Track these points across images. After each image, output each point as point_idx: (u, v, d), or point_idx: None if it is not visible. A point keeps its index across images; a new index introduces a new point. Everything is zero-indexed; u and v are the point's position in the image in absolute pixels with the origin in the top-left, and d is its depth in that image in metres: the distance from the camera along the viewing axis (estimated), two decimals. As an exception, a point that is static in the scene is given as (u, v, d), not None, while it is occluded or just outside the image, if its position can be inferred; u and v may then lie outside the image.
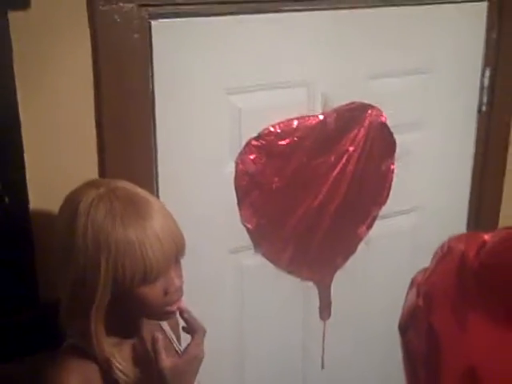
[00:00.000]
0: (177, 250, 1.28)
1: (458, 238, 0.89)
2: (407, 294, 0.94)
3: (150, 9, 1.52)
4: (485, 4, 2.03)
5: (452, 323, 0.83)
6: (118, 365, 1.29)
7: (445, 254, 0.89)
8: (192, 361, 1.33)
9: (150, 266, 1.22)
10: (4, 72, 1.40)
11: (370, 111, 1.93)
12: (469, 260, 0.83)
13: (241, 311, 1.93)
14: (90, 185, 1.29)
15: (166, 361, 1.29)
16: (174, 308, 1.32)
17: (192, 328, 1.36)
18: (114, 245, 1.21)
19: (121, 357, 1.31)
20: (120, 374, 1.29)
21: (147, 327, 1.41)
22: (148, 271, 1.22)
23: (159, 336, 1.31)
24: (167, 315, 1.35)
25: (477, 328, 0.81)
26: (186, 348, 1.34)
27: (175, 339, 1.50)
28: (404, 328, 0.93)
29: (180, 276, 1.32)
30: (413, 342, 0.91)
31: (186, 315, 1.35)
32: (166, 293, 1.28)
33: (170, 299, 1.30)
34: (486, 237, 0.85)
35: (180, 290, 1.31)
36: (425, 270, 0.92)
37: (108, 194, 1.25)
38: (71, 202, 1.27)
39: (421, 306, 0.88)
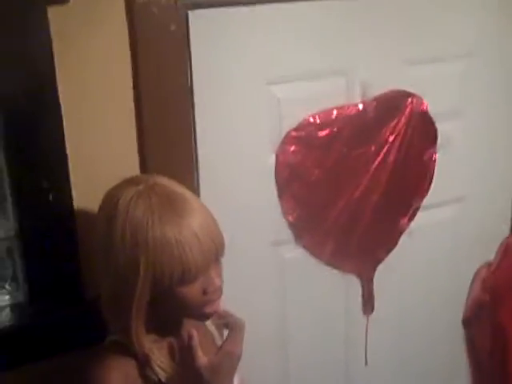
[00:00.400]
0: (216, 250, 1.26)
1: None
2: (471, 287, 0.92)
3: (187, -1, 1.51)
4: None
5: None
6: (157, 361, 1.28)
7: (510, 247, 0.87)
8: (228, 358, 1.30)
9: (188, 265, 1.20)
10: (46, 71, 1.40)
11: (410, 99, 1.89)
12: None
13: (283, 305, 1.91)
14: (129, 182, 1.28)
15: (202, 358, 1.27)
16: (214, 309, 1.30)
17: (228, 324, 1.33)
18: (151, 243, 1.19)
19: (160, 353, 1.30)
20: (159, 370, 1.28)
21: (188, 324, 1.40)
22: (186, 271, 1.21)
23: (194, 333, 1.29)
24: (206, 316, 1.32)
25: None
26: (222, 345, 1.32)
27: (217, 334, 1.48)
28: (469, 322, 0.91)
29: (219, 275, 1.29)
30: (478, 337, 0.89)
31: (221, 312, 1.33)
32: (205, 292, 1.26)
33: (209, 299, 1.27)
34: None
35: (219, 290, 1.29)
36: (489, 264, 0.90)
37: (147, 191, 1.24)
38: (110, 199, 1.26)
39: (487, 301, 0.86)
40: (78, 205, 1.49)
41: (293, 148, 1.77)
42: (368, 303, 2.05)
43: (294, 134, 1.76)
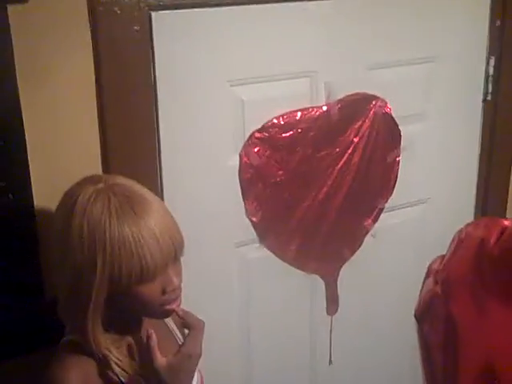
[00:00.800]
0: (175, 249, 1.25)
1: (476, 224, 0.87)
2: (424, 282, 0.92)
3: (150, 0, 1.50)
4: (488, -8, 2.01)
5: (471, 311, 0.81)
6: (115, 360, 1.28)
7: (462, 240, 0.86)
8: (187, 358, 1.30)
9: (147, 264, 1.20)
10: (5, 68, 1.39)
11: (374, 102, 1.91)
12: (489, 246, 0.81)
13: (247, 305, 1.92)
14: (89, 180, 1.27)
15: (161, 359, 1.27)
16: (173, 307, 1.30)
17: (188, 324, 1.33)
18: (109, 243, 1.19)
19: (119, 353, 1.30)
20: (118, 370, 1.28)
21: (148, 323, 1.40)
22: (145, 270, 1.21)
23: (153, 333, 1.29)
24: (165, 314, 1.33)
25: (496, 315, 0.79)
26: (181, 346, 1.31)
27: (179, 333, 1.49)
28: (421, 317, 0.91)
29: (178, 275, 1.29)
30: (430, 331, 0.89)
31: (180, 312, 1.32)
32: (164, 292, 1.26)
33: (168, 298, 1.27)
34: (506, 222, 0.82)
35: (178, 289, 1.29)
36: (441, 257, 0.90)
37: (106, 190, 1.23)
38: (69, 198, 1.26)
39: (439, 294, 0.86)
40: (39, 204, 1.48)
41: (256, 149, 1.77)
42: (332, 303, 2.07)
43: (257, 135, 1.77)
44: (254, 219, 1.84)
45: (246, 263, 1.88)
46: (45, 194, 1.49)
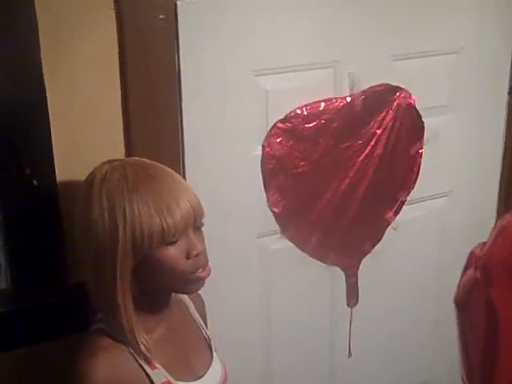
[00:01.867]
0: (194, 214, 1.26)
1: None
2: (464, 268, 0.92)
3: (177, -11, 1.50)
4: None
5: (510, 297, 0.81)
6: (144, 342, 1.27)
7: (504, 227, 0.86)
8: None
9: (167, 224, 1.21)
10: (32, 57, 1.39)
11: (398, 93, 1.89)
12: None
13: (267, 296, 1.91)
14: (106, 162, 1.30)
15: None
16: (202, 274, 1.30)
17: None
18: (128, 206, 1.21)
19: (150, 338, 1.30)
20: (145, 351, 1.27)
21: (176, 313, 1.40)
22: (165, 230, 1.21)
23: None
24: (195, 282, 1.31)
25: None
26: None
27: (203, 325, 1.49)
28: (462, 302, 0.91)
29: (202, 242, 1.30)
30: (470, 317, 0.89)
31: None
32: (188, 256, 1.27)
33: (195, 264, 1.28)
34: None
35: (203, 255, 1.29)
36: (483, 243, 0.90)
37: (122, 164, 1.27)
38: (87, 177, 1.29)
39: (479, 280, 0.86)
40: (62, 190, 1.49)
41: (279, 139, 1.77)
42: (352, 295, 2.06)
43: (280, 125, 1.76)
44: (275, 210, 1.84)
45: (267, 254, 1.87)
46: (68, 180, 1.49)
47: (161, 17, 1.50)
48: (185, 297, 1.45)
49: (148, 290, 1.30)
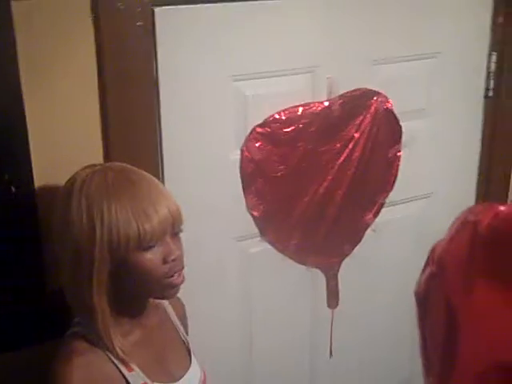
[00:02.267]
0: (172, 219, 1.28)
1: (474, 208, 0.89)
2: (425, 263, 0.94)
3: (154, -5, 1.52)
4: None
5: (464, 294, 0.83)
6: (120, 345, 1.29)
7: (461, 223, 0.88)
8: None
9: (144, 229, 1.23)
10: (8, 60, 1.40)
11: (375, 97, 1.92)
12: (481, 228, 0.83)
13: (248, 299, 1.93)
14: (88, 166, 1.32)
15: None
16: (177, 280, 1.31)
17: None
18: (106, 209, 1.22)
19: (125, 342, 1.31)
20: (121, 354, 1.28)
21: (154, 317, 1.41)
22: (142, 235, 1.23)
23: None
24: (170, 288, 1.32)
25: (485, 298, 0.81)
26: None
27: (183, 330, 1.50)
28: (421, 297, 0.93)
29: (179, 248, 1.31)
30: (430, 313, 0.90)
31: None
32: (165, 261, 1.28)
33: (171, 269, 1.29)
34: (502, 207, 0.84)
35: (180, 260, 1.31)
36: (441, 240, 0.92)
37: (102, 169, 1.29)
38: (68, 182, 1.31)
39: (436, 275, 0.88)
40: (41, 197, 1.49)
41: (258, 144, 1.78)
42: (333, 297, 2.08)
43: (259, 130, 1.78)
44: (254, 213, 1.85)
45: (246, 257, 1.89)
46: (47, 186, 1.50)
47: (138, 24, 1.51)
48: (164, 300, 1.47)
49: (125, 293, 1.31)
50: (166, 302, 1.48)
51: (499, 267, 0.81)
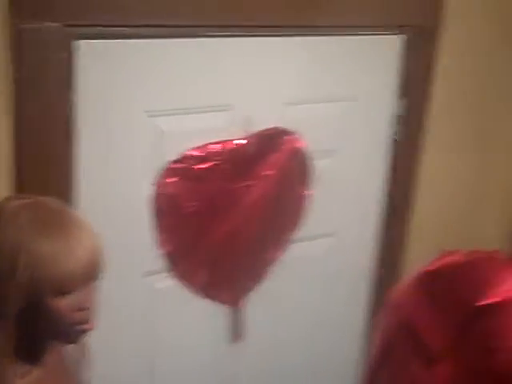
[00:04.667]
0: (95, 268, 1.24)
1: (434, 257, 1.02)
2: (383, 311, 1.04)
3: (76, 29, 1.48)
4: (398, 37, 2.08)
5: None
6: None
7: (420, 274, 1.00)
8: None
9: (64, 277, 1.18)
10: None
11: (289, 137, 1.94)
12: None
13: (153, 335, 1.91)
14: (15, 197, 1.27)
15: None
16: (88, 327, 1.27)
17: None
18: (33, 249, 1.17)
19: (25, 381, 1.25)
20: None
21: (54, 355, 1.36)
22: (65, 280, 1.18)
23: None
24: (77, 335, 1.29)
25: None
26: None
27: (82, 368, 1.46)
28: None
29: (96, 295, 1.27)
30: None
31: None
32: (80, 309, 1.23)
33: (83, 317, 1.25)
34: (450, 256, 0.99)
35: (94, 309, 1.27)
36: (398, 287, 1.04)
37: (32, 204, 1.23)
38: None
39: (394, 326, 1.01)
40: None
41: (171, 180, 1.77)
42: (237, 332, 2.08)
43: (173, 166, 1.76)
44: (164, 249, 1.83)
45: (153, 293, 1.87)
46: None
47: (59, 56, 1.46)
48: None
49: (29, 333, 1.26)
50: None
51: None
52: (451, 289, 0.94)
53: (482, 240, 2.36)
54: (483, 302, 0.89)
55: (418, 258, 1.16)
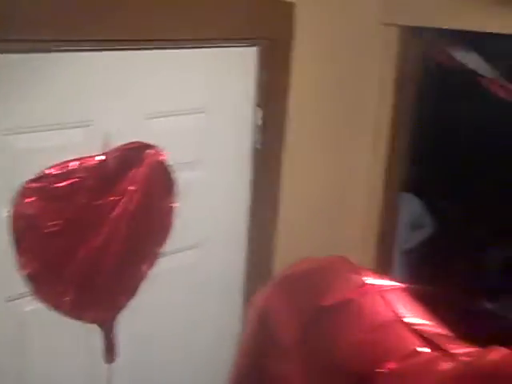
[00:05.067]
0: None
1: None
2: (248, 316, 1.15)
3: None
4: (254, 49, 2.14)
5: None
6: None
7: (282, 278, 1.15)
8: None
9: None
10: None
11: (149, 150, 1.93)
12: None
13: (22, 362, 1.85)
14: None
15: None
16: None
17: None
18: None
19: None
20: None
21: None
22: None
23: None
24: None
25: None
26: None
27: None
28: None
29: None
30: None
31: None
32: None
33: None
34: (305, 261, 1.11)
35: None
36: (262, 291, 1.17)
37: None
38: None
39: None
40: None
41: (29, 200, 1.71)
42: (110, 351, 2.04)
43: (30, 185, 1.71)
44: (26, 271, 1.77)
45: (20, 317, 1.81)
46: None
47: None
48: None
49: None
50: None
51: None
52: (303, 290, 1.06)
53: (346, 244, 2.45)
54: (325, 303, 1.00)
55: (286, 263, 1.23)
